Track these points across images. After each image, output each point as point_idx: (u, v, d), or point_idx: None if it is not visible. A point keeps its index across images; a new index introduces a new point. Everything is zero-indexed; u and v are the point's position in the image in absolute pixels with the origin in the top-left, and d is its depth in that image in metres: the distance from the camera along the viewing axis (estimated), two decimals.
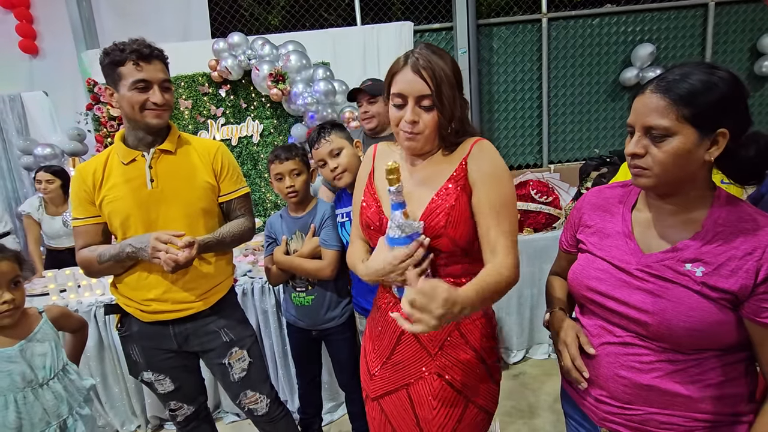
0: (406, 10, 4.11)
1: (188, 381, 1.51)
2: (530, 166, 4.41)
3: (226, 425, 2.28)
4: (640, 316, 0.81)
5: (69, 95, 3.98)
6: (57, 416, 1.26)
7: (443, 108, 0.94)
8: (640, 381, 0.82)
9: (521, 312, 2.57)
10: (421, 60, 0.93)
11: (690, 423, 0.80)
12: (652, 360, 0.81)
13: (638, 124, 0.79)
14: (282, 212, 1.77)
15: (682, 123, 0.74)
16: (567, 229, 1.04)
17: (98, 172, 1.34)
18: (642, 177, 0.81)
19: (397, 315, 0.81)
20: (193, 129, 3.58)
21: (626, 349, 0.84)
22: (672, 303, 0.78)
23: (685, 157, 0.75)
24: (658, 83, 0.77)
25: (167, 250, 1.21)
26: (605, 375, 0.87)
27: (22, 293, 1.24)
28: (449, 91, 0.94)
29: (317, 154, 1.55)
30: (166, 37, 3.63)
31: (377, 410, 1.11)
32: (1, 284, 1.18)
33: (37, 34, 4.13)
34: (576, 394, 0.96)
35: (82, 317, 1.51)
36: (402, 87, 0.95)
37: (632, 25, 4.10)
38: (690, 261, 0.78)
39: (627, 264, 0.85)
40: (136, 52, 1.24)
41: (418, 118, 0.95)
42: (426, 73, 0.92)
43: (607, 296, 0.86)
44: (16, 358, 1.21)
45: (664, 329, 0.78)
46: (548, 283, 1.13)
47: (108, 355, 2.18)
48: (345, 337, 1.77)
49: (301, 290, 1.71)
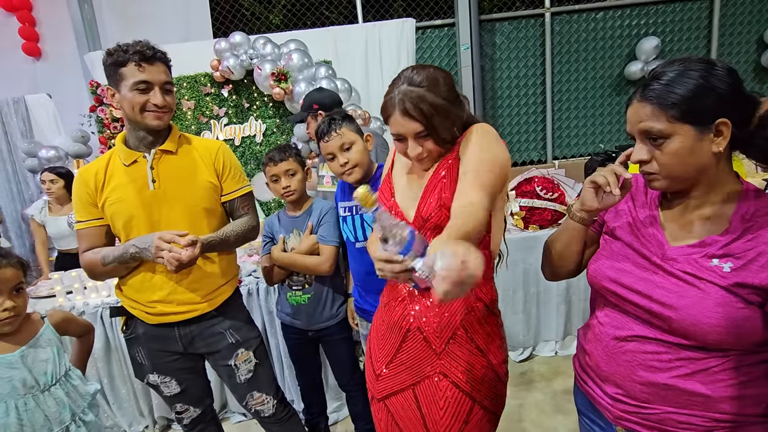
0: (408, 6, 4.09)
1: (194, 383, 1.51)
2: (534, 162, 4.38)
3: (233, 425, 2.29)
4: (662, 310, 0.79)
5: (72, 97, 4.00)
6: (59, 423, 1.24)
7: (439, 135, 0.99)
8: (659, 380, 0.80)
9: (527, 309, 2.55)
10: (407, 102, 0.96)
11: (709, 423, 0.78)
12: (671, 358, 0.80)
13: (635, 131, 0.80)
14: (280, 213, 1.77)
15: (675, 123, 0.74)
16: None
17: (100, 174, 1.33)
18: (653, 181, 0.81)
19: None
20: (196, 129, 3.59)
21: (645, 347, 0.82)
22: (697, 299, 0.76)
23: (689, 154, 0.75)
24: (643, 93, 0.78)
25: (170, 249, 1.21)
26: (622, 373, 0.85)
27: (24, 300, 1.23)
28: (441, 119, 0.97)
29: (327, 147, 1.49)
30: (167, 37, 3.62)
31: (383, 411, 1.11)
32: (3, 291, 1.17)
33: (39, 37, 4.14)
34: (590, 391, 0.94)
35: (87, 321, 1.50)
36: (398, 129, 1.01)
37: (637, 18, 4.06)
38: (718, 256, 0.77)
39: (652, 255, 0.83)
40: (138, 54, 1.24)
41: (421, 149, 1.01)
42: (415, 113, 0.96)
43: (630, 289, 0.84)
44: (16, 364, 1.20)
45: (688, 325, 0.76)
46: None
47: (115, 356, 2.19)
48: (342, 337, 1.76)
49: (297, 289, 1.70)
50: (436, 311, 1.01)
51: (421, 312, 1.02)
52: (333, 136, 1.47)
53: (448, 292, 0.67)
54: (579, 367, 0.99)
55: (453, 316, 1.00)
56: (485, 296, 1.03)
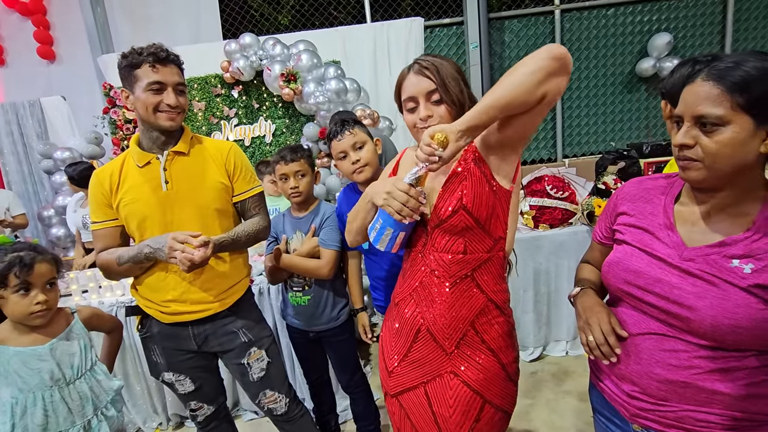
0: (416, 5, 4.08)
1: (208, 381, 1.53)
2: (544, 160, 4.35)
3: (245, 423, 2.31)
4: (681, 311, 0.78)
5: (86, 99, 4.07)
6: (82, 416, 1.28)
7: (451, 97, 0.99)
8: (677, 378, 0.80)
9: (538, 309, 2.54)
10: (422, 62, 1.01)
11: (728, 422, 0.78)
12: (690, 356, 0.79)
13: (688, 113, 0.75)
14: (285, 212, 1.78)
15: (737, 111, 0.70)
16: (602, 220, 1.01)
17: (114, 176, 1.36)
18: (691, 170, 0.77)
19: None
20: (206, 130, 3.62)
21: (663, 344, 0.81)
22: (716, 299, 0.75)
23: (738, 148, 0.71)
24: (710, 71, 0.73)
25: (183, 250, 1.23)
26: (639, 371, 0.84)
27: (56, 294, 1.27)
28: (454, 83, 0.98)
29: (339, 145, 1.51)
30: (178, 39, 3.67)
31: (396, 406, 1.12)
32: (37, 285, 1.21)
33: (54, 40, 4.22)
34: (606, 389, 0.94)
35: (116, 318, 1.53)
36: (410, 90, 1.02)
37: (648, 15, 4.00)
38: (738, 257, 0.75)
39: (668, 256, 0.82)
40: (152, 55, 1.27)
41: (431, 113, 1.01)
42: (429, 71, 0.99)
43: (646, 290, 0.83)
44: (46, 356, 1.24)
45: (707, 326, 0.75)
46: (579, 268, 1.09)
47: (129, 354, 2.23)
48: (343, 339, 1.77)
49: (298, 290, 1.71)
50: (442, 312, 1.01)
51: (429, 312, 1.03)
52: (346, 135, 1.49)
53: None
54: (594, 364, 0.99)
55: (462, 317, 1.01)
56: (497, 297, 1.04)
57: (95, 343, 1.40)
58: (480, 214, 0.97)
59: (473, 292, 1.01)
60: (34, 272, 1.20)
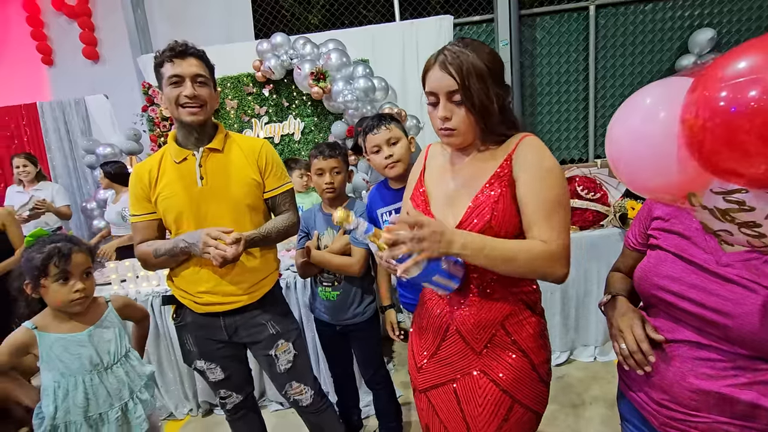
0: (446, 3, 4.05)
1: (237, 370, 1.58)
2: (575, 161, 4.23)
3: (271, 413, 2.37)
4: (718, 318, 0.76)
5: (126, 98, 4.25)
6: (119, 399, 1.35)
7: (472, 101, 0.93)
8: (711, 388, 0.77)
9: (565, 312, 2.49)
10: (449, 56, 0.93)
11: None
12: (727, 366, 0.76)
13: None
14: (317, 208, 1.81)
15: None
16: (635, 225, 0.99)
17: (153, 171, 1.41)
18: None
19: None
20: (238, 128, 3.73)
21: (698, 353, 0.79)
22: (756, 306, 0.72)
23: None
24: None
25: (216, 246, 1.27)
26: (671, 379, 0.82)
27: (92, 283, 1.35)
28: (478, 84, 0.92)
29: (374, 139, 1.52)
30: (213, 39, 3.78)
31: (425, 402, 1.12)
32: (75, 274, 1.29)
33: (98, 42, 4.43)
34: (635, 397, 0.92)
35: (144, 308, 1.62)
36: (432, 85, 0.96)
37: (690, 9, 3.82)
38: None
39: (705, 262, 0.79)
40: (171, 50, 1.31)
41: (450, 114, 0.96)
42: (452, 68, 0.92)
43: (681, 297, 0.81)
44: (85, 342, 1.31)
45: (746, 334, 0.73)
46: (609, 276, 1.08)
47: (163, 342, 2.32)
48: (369, 335, 1.79)
49: (328, 285, 1.75)
50: (472, 313, 1.01)
51: (458, 313, 1.03)
52: (382, 129, 1.51)
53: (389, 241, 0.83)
54: (624, 371, 0.97)
55: (491, 319, 1.00)
56: (527, 298, 1.03)
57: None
58: (508, 233, 0.96)
59: (502, 294, 1.00)
60: (72, 262, 1.27)
